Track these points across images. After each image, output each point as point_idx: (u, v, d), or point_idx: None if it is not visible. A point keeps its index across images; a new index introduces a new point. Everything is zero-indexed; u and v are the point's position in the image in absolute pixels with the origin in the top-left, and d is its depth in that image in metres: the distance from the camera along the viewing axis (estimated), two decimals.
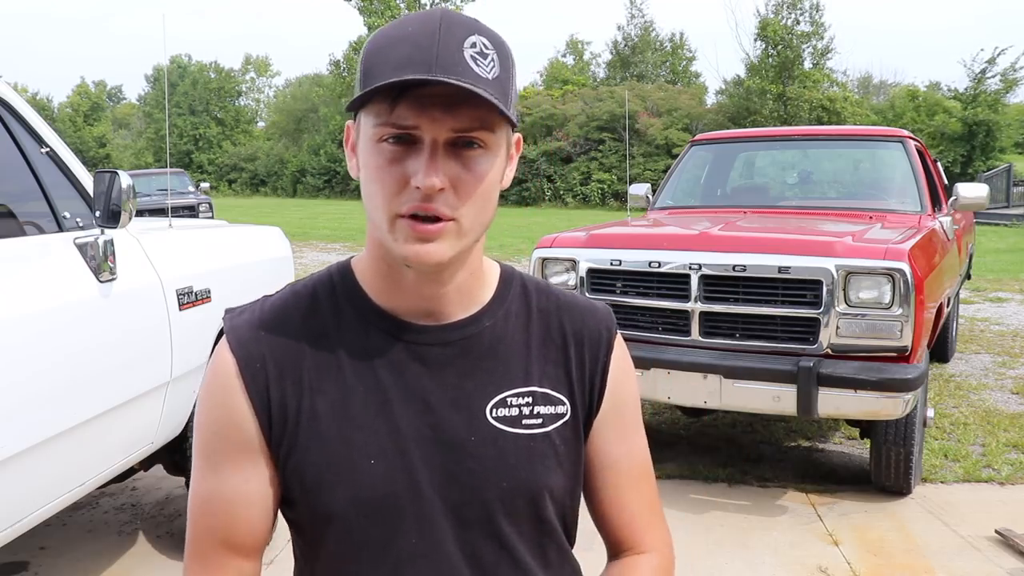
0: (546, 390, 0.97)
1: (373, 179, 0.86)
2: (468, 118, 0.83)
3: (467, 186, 0.85)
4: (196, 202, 17.97)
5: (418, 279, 0.92)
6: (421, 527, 0.92)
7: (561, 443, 0.97)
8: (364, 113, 0.87)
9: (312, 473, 0.92)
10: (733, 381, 3.40)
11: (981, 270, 10.57)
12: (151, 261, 2.64)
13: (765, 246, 3.56)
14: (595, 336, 1.01)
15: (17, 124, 2.33)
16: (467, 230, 0.87)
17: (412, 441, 0.92)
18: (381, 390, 0.93)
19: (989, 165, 27.05)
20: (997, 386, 5.56)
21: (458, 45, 0.82)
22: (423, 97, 0.82)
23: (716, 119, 30.86)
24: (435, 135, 0.83)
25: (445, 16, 0.84)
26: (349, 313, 0.95)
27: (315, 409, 0.92)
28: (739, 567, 3.06)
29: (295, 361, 0.93)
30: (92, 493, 3.26)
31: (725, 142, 5.81)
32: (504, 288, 1.01)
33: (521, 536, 0.96)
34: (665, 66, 45.73)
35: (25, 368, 2.01)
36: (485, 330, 0.97)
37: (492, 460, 0.93)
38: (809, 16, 31.51)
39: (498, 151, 0.88)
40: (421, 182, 0.82)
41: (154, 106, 56.54)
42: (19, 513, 2.05)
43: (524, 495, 0.95)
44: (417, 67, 0.81)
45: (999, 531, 3.25)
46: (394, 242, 0.86)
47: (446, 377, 0.94)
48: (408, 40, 0.83)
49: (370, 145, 0.86)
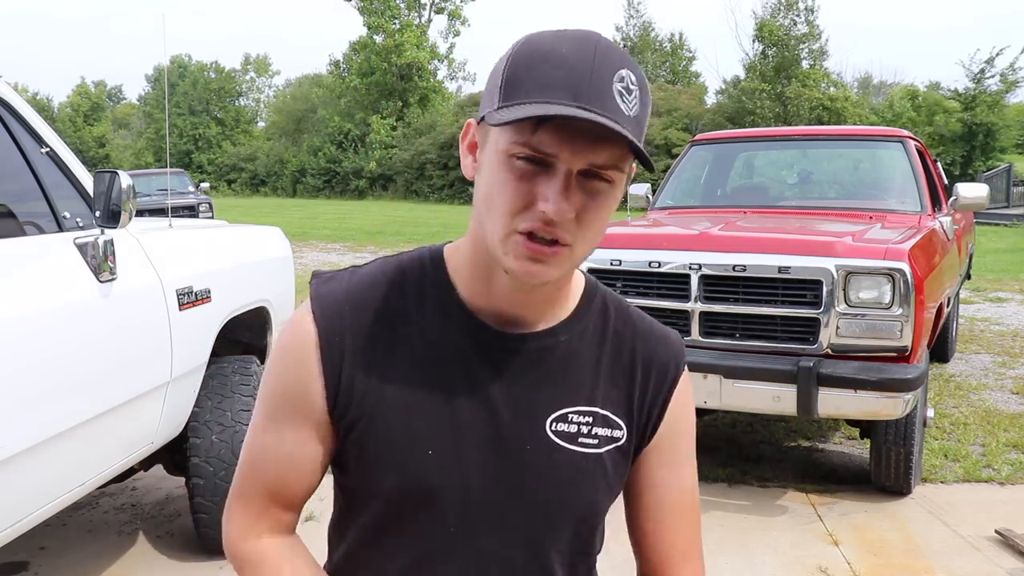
0: (607, 413, 0.98)
1: (497, 191, 0.85)
2: (607, 156, 0.83)
3: (588, 216, 0.85)
4: (196, 202, 17.96)
5: (512, 287, 0.92)
6: (461, 522, 0.94)
7: (612, 466, 0.99)
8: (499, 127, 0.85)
9: (370, 451, 0.94)
10: (733, 381, 3.40)
11: (981, 270, 10.57)
12: (151, 261, 2.64)
13: (765, 246, 3.56)
14: (663, 368, 1.02)
15: (17, 124, 2.33)
16: (578, 257, 0.88)
17: (470, 440, 0.94)
18: (449, 385, 0.94)
19: (989, 165, 27.05)
20: (997, 386, 5.56)
21: (609, 78, 0.82)
22: (568, 128, 0.81)
23: (715, 119, 30.86)
24: (572, 165, 0.82)
25: (600, 43, 0.84)
26: (433, 302, 0.96)
27: (383, 391, 0.94)
28: (739, 567, 3.06)
29: (372, 342, 0.95)
30: (92, 493, 3.26)
31: (725, 142, 5.82)
32: (586, 304, 1.01)
33: (558, 551, 0.98)
34: (665, 66, 45.73)
35: (25, 368, 2.01)
36: (560, 344, 0.97)
37: (544, 471, 0.95)
38: (804, 18, 31.58)
39: (621, 186, 0.88)
40: (552, 210, 0.82)
41: (154, 106, 56.55)
42: (19, 513, 2.05)
43: (568, 511, 0.96)
44: (567, 94, 0.80)
45: (999, 531, 3.25)
46: (504, 255, 0.86)
47: (514, 385, 0.95)
48: (561, 62, 0.82)
49: (500, 157, 0.85)
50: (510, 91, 0.83)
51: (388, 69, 42.36)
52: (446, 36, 47.48)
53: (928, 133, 27.42)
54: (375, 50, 42.83)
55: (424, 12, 45.83)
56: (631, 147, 0.82)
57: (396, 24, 43.41)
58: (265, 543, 0.99)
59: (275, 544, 1.00)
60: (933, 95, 30.44)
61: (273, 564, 0.98)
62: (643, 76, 0.86)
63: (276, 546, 1.00)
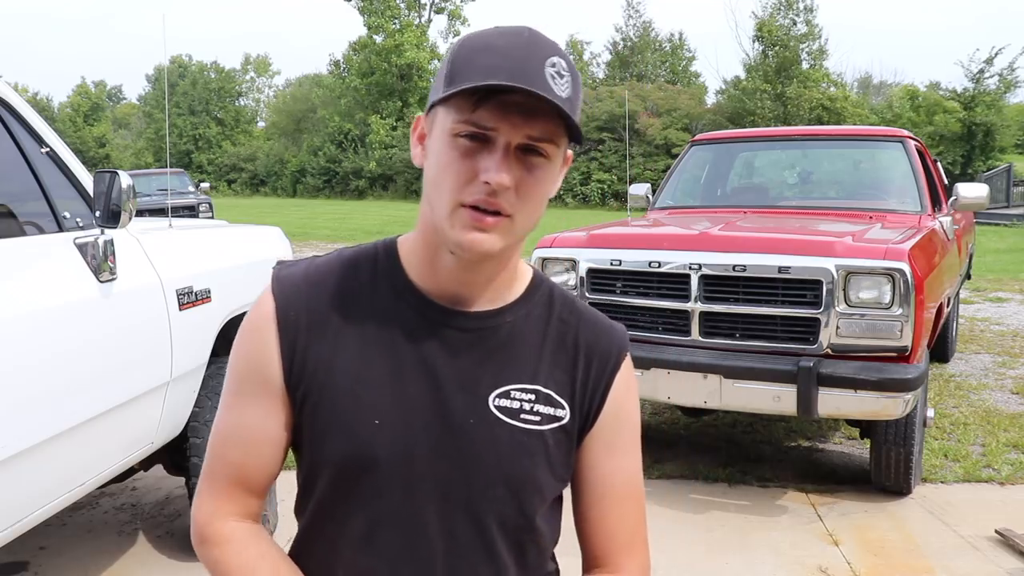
0: (550, 392, 1.02)
1: (443, 167, 0.93)
2: (541, 128, 0.91)
3: (527, 188, 0.92)
4: (196, 202, 17.96)
5: (457, 266, 0.98)
6: (405, 491, 0.98)
7: (554, 444, 1.02)
8: (444, 108, 0.93)
9: (321, 420, 0.99)
10: (733, 381, 3.40)
11: (981, 270, 10.57)
12: (151, 261, 2.64)
13: (765, 246, 3.56)
14: (605, 355, 1.06)
15: (17, 124, 2.33)
16: (518, 228, 0.94)
17: (416, 411, 0.98)
18: (397, 359, 0.99)
19: (989, 165, 27.06)
20: (997, 386, 5.56)
21: (541, 63, 0.90)
22: (505, 104, 0.89)
23: (715, 119, 30.86)
24: (510, 139, 0.90)
25: (533, 34, 0.93)
26: (384, 284, 1.03)
27: (334, 364, 0.99)
28: (739, 567, 3.06)
29: (325, 317, 1.01)
30: (92, 493, 3.26)
31: (725, 142, 5.81)
32: (532, 291, 1.07)
33: (501, 525, 1.01)
34: (665, 66, 45.71)
35: (25, 368, 2.01)
36: (504, 324, 1.03)
37: (485, 444, 0.99)
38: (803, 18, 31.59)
39: (556, 162, 0.96)
40: (492, 178, 0.89)
41: (154, 106, 56.52)
42: (19, 513, 2.05)
43: (507, 483, 1.00)
44: (503, 75, 0.88)
45: (999, 531, 3.25)
46: (451, 228, 0.92)
47: (460, 360, 1.00)
48: (497, 49, 0.90)
49: (445, 138, 0.92)
50: (454, 78, 0.91)
51: (388, 69, 42.33)
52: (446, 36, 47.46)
53: (928, 133, 27.42)
54: (375, 50, 42.80)
55: (424, 12, 45.85)
56: (564, 120, 0.90)
57: (396, 24, 43.39)
58: (231, 526, 1.04)
59: (242, 527, 1.04)
60: (933, 95, 30.44)
61: (239, 544, 1.02)
62: (574, 65, 0.94)
63: (243, 529, 1.04)
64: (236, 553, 1.02)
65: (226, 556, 1.02)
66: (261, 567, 1.01)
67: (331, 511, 1.02)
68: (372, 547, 1.00)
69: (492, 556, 1.01)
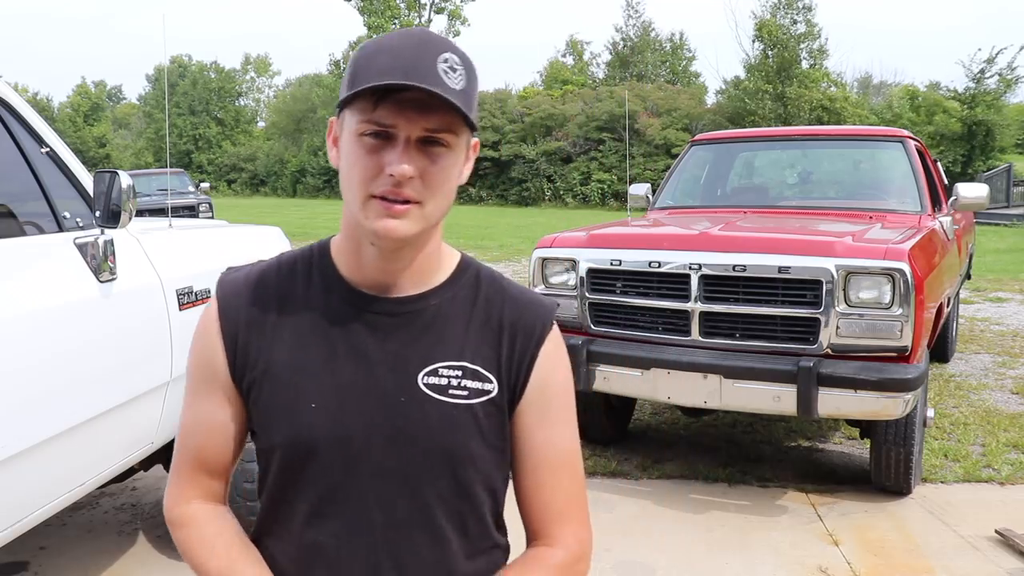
0: (477, 367, 1.08)
1: (353, 165, 1.00)
2: (437, 121, 0.98)
3: (432, 177, 1.00)
4: (196, 202, 17.96)
5: (379, 255, 1.05)
6: (346, 469, 1.06)
7: (484, 417, 1.08)
8: (349, 111, 1.01)
9: (265, 409, 1.08)
10: (733, 381, 3.40)
11: (981, 270, 10.57)
12: (151, 261, 2.64)
13: (765, 246, 3.56)
14: (529, 328, 1.12)
15: (17, 124, 2.33)
16: (428, 214, 1.02)
17: (350, 394, 1.06)
18: (331, 347, 1.07)
19: (989, 165, 27.04)
20: (997, 386, 5.56)
21: (433, 59, 0.97)
22: (401, 101, 0.96)
23: (716, 119, 30.86)
24: (409, 133, 0.98)
25: (425, 34, 1.00)
26: (318, 281, 1.11)
27: (273, 356, 1.08)
28: (739, 567, 3.06)
29: (264, 314, 1.10)
30: (92, 493, 3.26)
31: (725, 142, 5.81)
32: (459, 275, 1.13)
33: (439, 498, 1.07)
34: (665, 66, 45.72)
35: (25, 368, 2.01)
36: (430, 307, 1.09)
37: (416, 421, 1.05)
38: (803, 17, 31.57)
39: (459, 151, 1.03)
40: (395, 170, 0.97)
41: (154, 106, 56.52)
42: (19, 513, 2.05)
43: (440, 455, 1.06)
44: (398, 74, 0.95)
45: (999, 531, 3.25)
46: (365, 219, 1.00)
47: (389, 343, 1.07)
48: (392, 52, 0.98)
49: (352, 138, 1.00)
50: (354, 82, 0.98)
51: None
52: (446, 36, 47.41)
53: (928, 133, 27.41)
54: None
55: (424, 12, 45.83)
56: (457, 111, 0.97)
57: (396, 24, 43.39)
58: (194, 507, 1.14)
59: (204, 508, 1.14)
60: (933, 95, 30.43)
61: (200, 523, 1.13)
62: (469, 59, 1.01)
63: (205, 510, 1.14)
64: (197, 531, 1.12)
65: (188, 535, 1.12)
66: (217, 543, 1.10)
67: (282, 492, 1.09)
68: (319, 523, 1.07)
69: (431, 527, 1.07)
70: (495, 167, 33.46)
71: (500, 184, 33.46)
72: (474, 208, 30.79)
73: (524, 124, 33.84)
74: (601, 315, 3.85)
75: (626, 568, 3.05)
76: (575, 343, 3.70)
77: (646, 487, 3.87)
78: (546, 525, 1.13)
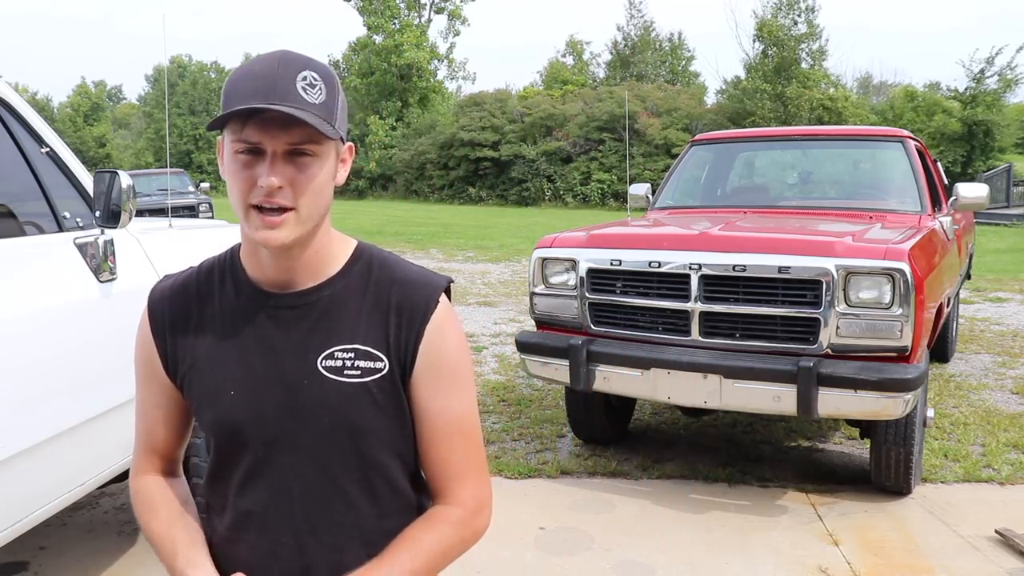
0: (367, 348, 1.19)
1: (232, 179, 1.13)
2: (299, 135, 1.09)
3: (301, 184, 1.11)
4: (196, 202, 17.97)
5: (271, 256, 1.17)
6: (264, 446, 1.19)
7: (379, 392, 1.19)
8: (226, 131, 1.12)
9: (195, 399, 1.24)
10: (733, 381, 3.40)
11: (981, 270, 10.57)
12: (151, 261, 2.64)
13: (765, 246, 3.56)
14: (415, 308, 1.21)
15: (17, 124, 2.33)
16: (305, 218, 1.13)
17: (261, 380, 1.19)
18: (243, 341, 1.21)
19: (989, 165, 27.03)
20: (997, 386, 5.56)
21: (292, 79, 1.09)
22: (265, 120, 1.08)
23: (716, 119, 30.84)
24: (274, 147, 1.09)
25: (286, 56, 1.12)
26: (229, 283, 1.24)
27: (196, 352, 1.23)
28: (739, 567, 3.06)
29: (185, 315, 1.25)
30: (92, 493, 3.26)
31: (725, 142, 5.81)
32: (352, 264, 1.24)
33: (346, 467, 1.20)
34: (664, 66, 45.71)
35: (25, 368, 2.01)
36: (324, 297, 1.21)
37: (318, 400, 1.18)
38: (804, 17, 31.55)
39: (327, 157, 1.14)
40: (264, 182, 1.09)
41: (154, 106, 56.49)
42: (19, 513, 2.05)
43: (342, 431, 1.18)
44: (259, 98, 1.07)
45: (999, 531, 3.25)
46: (250, 229, 1.12)
47: (291, 333, 1.20)
48: (255, 76, 1.10)
49: (230, 155, 1.13)
50: (225, 107, 1.10)
51: (388, 69, 42.32)
52: (446, 36, 47.42)
53: (928, 133, 27.40)
54: (375, 50, 42.79)
55: (424, 12, 45.84)
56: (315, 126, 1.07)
57: (396, 24, 43.38)
58: (148, 479, 1.32)
59: (155, 480, 1.32)
60: (932, 95, 30.42)
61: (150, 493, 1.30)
62: (329, 72, 1.13)
63: (155, 481, 1.32)
64: (147, 499, 1.29)
65: (140, 502, 1.30)
66: (161, 510, 1.27)
67: (219, 469, 1.24)
68: (247, 495, 1.22)
69: (341, 493, 1.20)
70: (495, 167, 33.45)
71: (500, 184, 33.44)
72: (474, 208, 30.79)
73: (524, 124, 33.81)
74: (601, 315, 3.84)
75: (626, 568, 3.05)
76: (575, 343, 3.70)
77: (646, 487, 3.87)
78: (445, 485, 1.24)
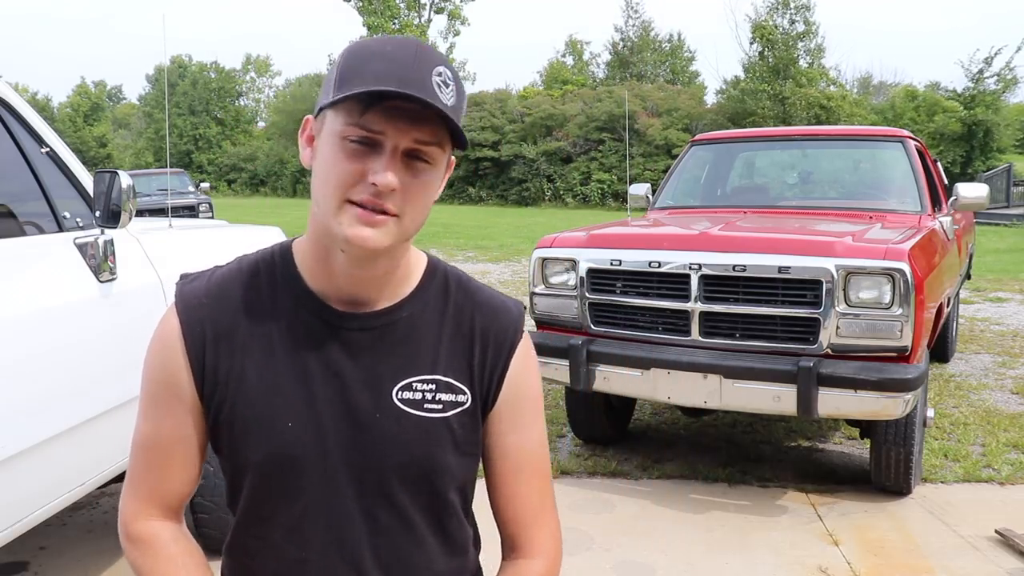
0: (449, 380, 1.08)
1: (332, 168, 0.97)
2: (428, 133, 0.96)
3: (414, 191, 0.98)
4: (196, 202, 17.96)
5: (349, 265, 1.02)
6: (325, 484, 1.05)
7: (459, 428, 1.08)
8: (333, 112, 0.97)
9: (238, 427, 1.05)
10: (733, 381, 3.40)
11: (981, 270, 10.57)
12: (151, 261, 2.64)
13: (765, 246, 3.56)
14: (501, 337, 1.12)
15: (17, 124, 2.33)
16: (405, 228, 0.99)
17: (325, 412, 1.04)
18: (303, 364, 1.05)
19: (989, 165, 27.03)
20: (997, 386, 5.56)
21: (429, 72, 0.95)
22: (393, 108, 0.93)
23: (716, 119, 30.84)
24: (397, 142, 0.95)
25: (420, 45, 0.97)
26: (284, 291, 1.07)
27: (244, 373, 1.05)
28: (739, 567, 3.06)
29: (231, 329, 1.06)
30: (92, 493, 3.26)
31: (725, 142, 5.81)
32: (428, 281, 1.12)
33: (417, 505, 1.08)
34: (664, 66, 45.70)
35: (25, 368, 2.01)
36: (402, 320, 1.08)
37: (392, 436, 1.05)
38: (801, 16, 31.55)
39: (440, 167, 1.01)
40: (379, 179, 0.94)
41: (154, 106, 56.47)
42: (19, 513, 2.05)
43: (418, 470, 1.06)
44: (393, 82, 0.92)
45: (999, 531, 3.25)
46: (338, 224, 0.97)
47: (362, 359, 1.06)
48: (387, 57, 0.95)
49: (334, 140, 0.96)
50: (343, 84, 0.95)
51: None
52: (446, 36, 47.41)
53: (928, 133, 27.40)
54: None
55: (424, 12, 45.79)
56: (448, 125, 0.95)
57: (396, 24, 43.34)
58: (154, 526, 1.10)
59: (164, 528, 1.10)
60: (932, 95, 30.41)
61: (159, 548, 1.09)
62: (459, 77, 1.00)
63: (165, 530, 1.10)
64: (154, 556, 1.08)
65: (146, 559, 1.09)
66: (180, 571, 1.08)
67: (259, 508, 1.08)
68: (300, 539, 1.06)
69: (412, 531, 1.08)
70: (495, 167, 33.45)
71: (500, 184, 33.44)
72: (474, 208, 30.78)
73: (524, 124, 33.81)
74: (601, 315, 3.84)
75: (626, 568, 3.05)
76: (575, 343, 3.70)
77: (646, 487, 3.87)
78: (523, 531, 1.15)
